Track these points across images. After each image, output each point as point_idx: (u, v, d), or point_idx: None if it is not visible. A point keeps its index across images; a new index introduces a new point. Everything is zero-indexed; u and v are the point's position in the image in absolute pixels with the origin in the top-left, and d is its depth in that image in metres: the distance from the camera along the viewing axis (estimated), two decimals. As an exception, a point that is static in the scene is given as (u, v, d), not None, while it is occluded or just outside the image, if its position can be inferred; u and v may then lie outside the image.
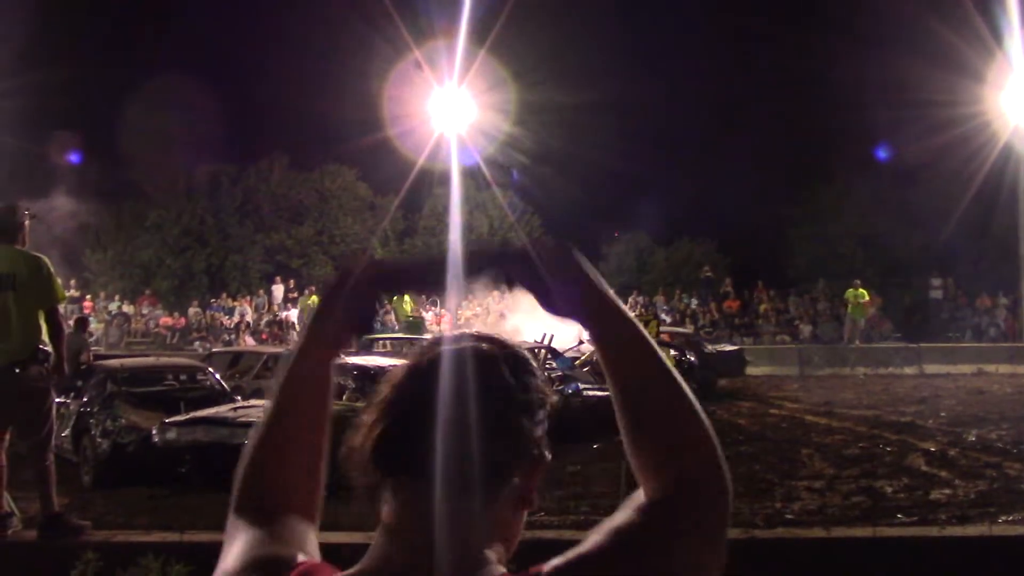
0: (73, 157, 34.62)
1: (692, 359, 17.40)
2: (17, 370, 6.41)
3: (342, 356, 1.72)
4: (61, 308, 6.96)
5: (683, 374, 1.26)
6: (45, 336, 6.60)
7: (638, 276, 38.12)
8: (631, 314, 1.29)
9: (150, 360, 15.59)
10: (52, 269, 6.75)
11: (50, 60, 33.82)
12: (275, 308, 31.57)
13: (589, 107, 34.01)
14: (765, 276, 32.12)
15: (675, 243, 38.80)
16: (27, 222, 6.84)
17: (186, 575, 4.92)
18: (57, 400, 7.50)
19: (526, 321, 17.38)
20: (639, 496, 1.22)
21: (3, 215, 6.73)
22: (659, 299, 32.17)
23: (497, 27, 27.06)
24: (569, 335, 16.27)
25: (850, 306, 27.35)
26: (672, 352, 14.56)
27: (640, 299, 32.03)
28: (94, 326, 25.91)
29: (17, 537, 6.33)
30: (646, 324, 21.25)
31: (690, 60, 37.38)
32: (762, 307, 30.62)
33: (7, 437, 6.63)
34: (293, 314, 30.02)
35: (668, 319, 28.56)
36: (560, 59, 33.72)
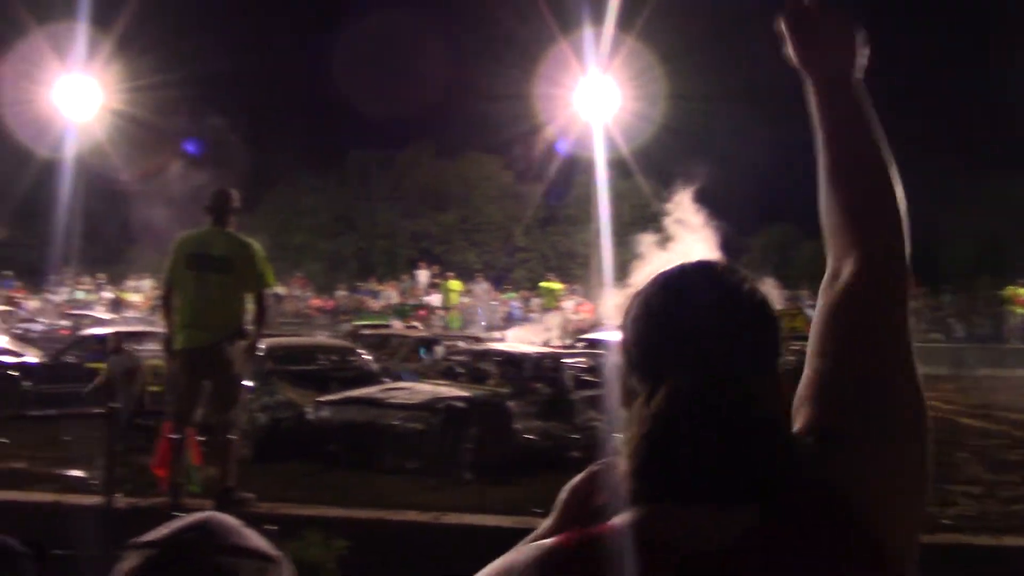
0: (230, 143, 36.11)
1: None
2: (222, 347, 6.75)
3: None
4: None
5: None
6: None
7: (782, 269, 37.19)
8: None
9: (305, 340, 16.18)
10: (263, 254, 7.05)
11: (210, 49, 35.45)
12: (419, 293, 32.17)
13: (736, 95, 33.35)
14: (918, 271, 30.78)
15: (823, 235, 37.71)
16: (237, 206, 7.17)
17: (345, 549, 5.10)
18: None
19: None
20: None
21: (217, 199, 7.05)
22: (803, 293, 31.28)
23: (646, 14, 26.83)
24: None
25: (1010, 304, 26.03)
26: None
27: (784, 293, 31.22)
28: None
29: (191, 505, 6.70)
30: (791, 318, 20.76)
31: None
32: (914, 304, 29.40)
33: (198, 411, 7.00)
34: (436, 299, 30.55)
35: (813, 314, 27.74)
36: (708, 47, 33.18)
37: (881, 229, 1.31)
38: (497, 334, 24.88)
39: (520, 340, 19.14)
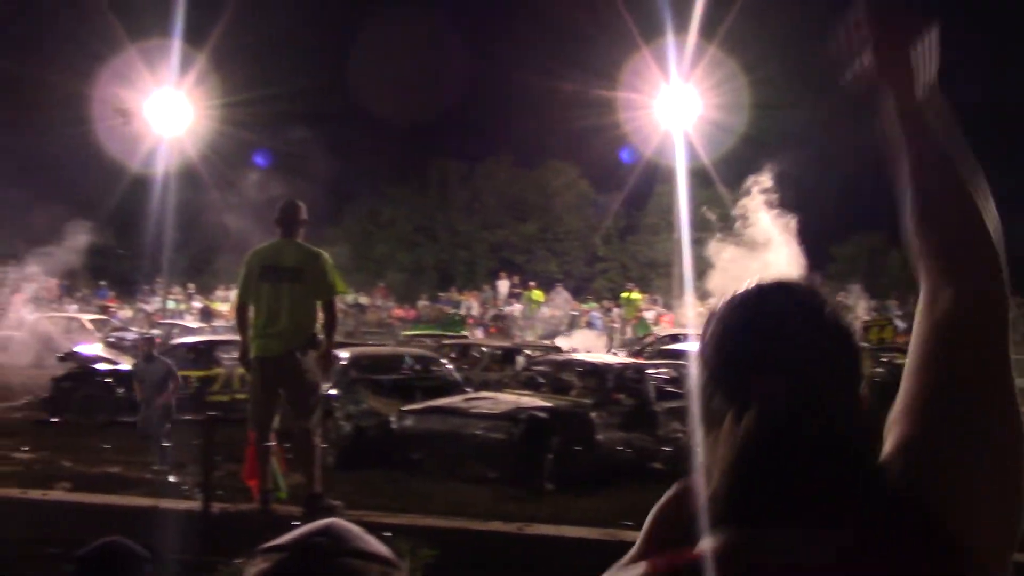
0: (314, 156, 36.78)
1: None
2: (296, 356, 6.91)
3: None
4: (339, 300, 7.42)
5: None
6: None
7: (870, 278, 36.42)
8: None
9: (389, 349, 16.38)
10: (331, 263, 7.22)
11: (294, 64, 36.22)
12: (499, 303, 32.32)
13: (819, 102, 32.75)
14: (1015, 282, 29.79)
15: (913, 243, 36.79)
16: (305, 218, 7.35)
17: (432, 558, 5.15)
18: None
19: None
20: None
21: (286, 212, 7.24)
22: (892, 303, 30.57)
23: (728, 22, 26.59)
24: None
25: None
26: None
27: (871, 303, 30.58)
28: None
29: (280, 511, 6.85)
30: (880, 329, 20.23)
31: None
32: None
33: (277, 418, 7.15)
34: (517, 309, 30.66)
35: (903, 324, 27.13)
36: (791, 54, 32.68)
37: (978, 262, 1.27)
38: (546, 340, 25.03)
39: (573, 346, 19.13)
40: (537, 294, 31.10)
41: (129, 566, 2.53)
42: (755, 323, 1.18)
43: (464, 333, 25.41)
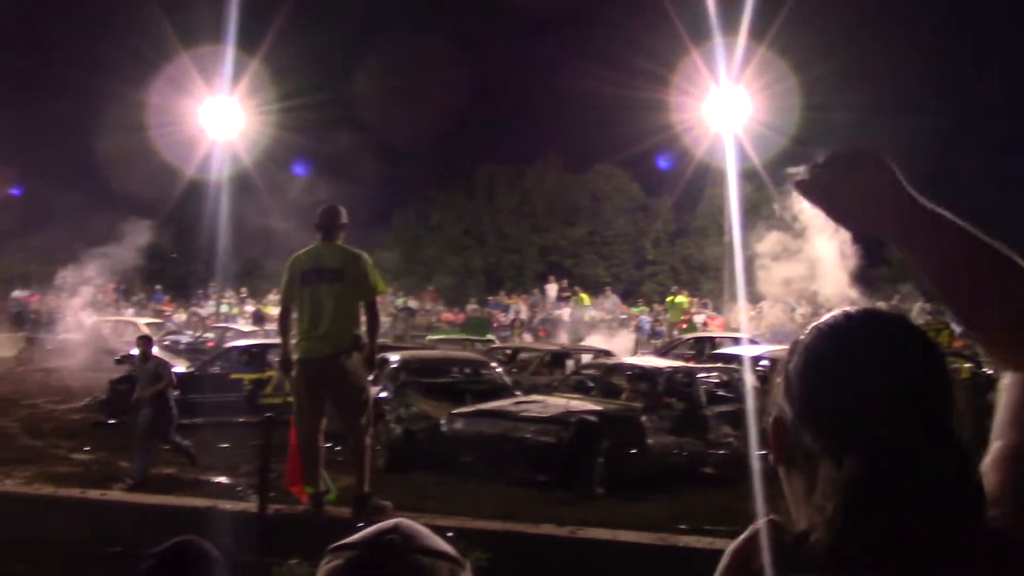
0: (364, 160, 37.10)
1: (991, 372, 16.14)
2: (341, 358, 6.97)
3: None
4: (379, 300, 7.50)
5: (979, 390, 1.22)
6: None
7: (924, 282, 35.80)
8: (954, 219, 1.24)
9: (439, 353, 16.45)
10: (372, 263, 7.28)
11: (345, 70, 36.59)
12: (548, 307, 32.29)
13: (876, 106, 32.38)
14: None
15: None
16: (346, 222, 7.42)
17: (485, 561, 5.15)
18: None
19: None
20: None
21: (326, 216, 7.32)
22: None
23: (778, 23, 26.35)
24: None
25: None
26: (967, 364, 13.56)
27: (927, 306, 30.05)
28: (383, 319, 27.62)
29: (332, 513, 6.91)
30: (936, 333, 19.94)
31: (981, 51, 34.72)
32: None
33: (324, 421, 7.21)
34: (565, 313, 30.61)
35: (958, 329, 26.64)
36: (843, 55, 32.32)
37: None
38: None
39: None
40: (584, 297, 31.03)
41: (202, 566, 2.56)
42: (851, 358, 1.12)
43: (490, 337, 25.39)
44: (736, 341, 22.35)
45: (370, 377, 7.63)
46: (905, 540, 1.04)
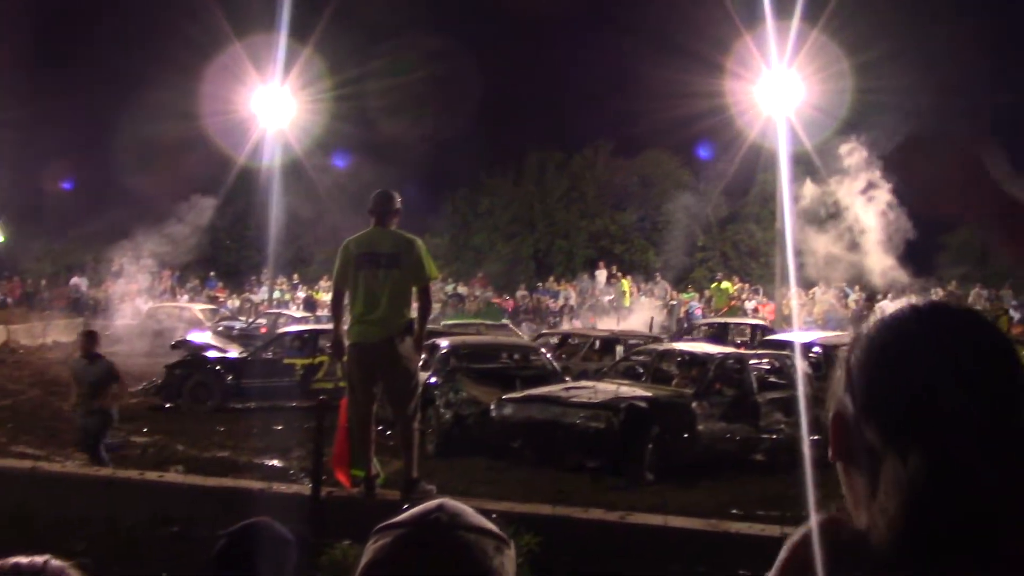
0: (414, 147, 37.27)
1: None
2: (395, 342, 7.02)
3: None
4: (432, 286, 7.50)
5: None
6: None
7: (981, 268, 35.15)
8: None
9: (488, 338, 16.51)
10: (426, 249, 7.29)
11: (395, 58, 36.71)
12: (597, 292, 32.23)
13: (930, 89, 31.74)
14: None
15: (1028, 230, 35.36)
16: (399, 208, 7.44)
17: (536, 545, 5.17)
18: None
19: None
20: None
21: (380, 201, 7.33)
22: (1007, 292, 29.45)
23: (831, 5, 25.89)
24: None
25: None
26: (1027, 351, 13.28)
27: (984, 292, 29.51)
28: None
29: (383, 496, 6.98)
30: (995, 319, 19.59)
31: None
32: None
33: (376, 406, 7.26)
34: (605, 299, 30.60)
35: (1018, 315, 26.15)
36: (897, 38, 31.70)
37: None
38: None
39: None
40: (625, 283, 30.97)
41: (274, 547, 2.62)
42: (917, 351, 1.09)
43: (504, 321, 25.37)
44: (754, 327, 22.30)
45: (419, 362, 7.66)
46: (969, 542, 1.01)
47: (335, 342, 7.47)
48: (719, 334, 21.10)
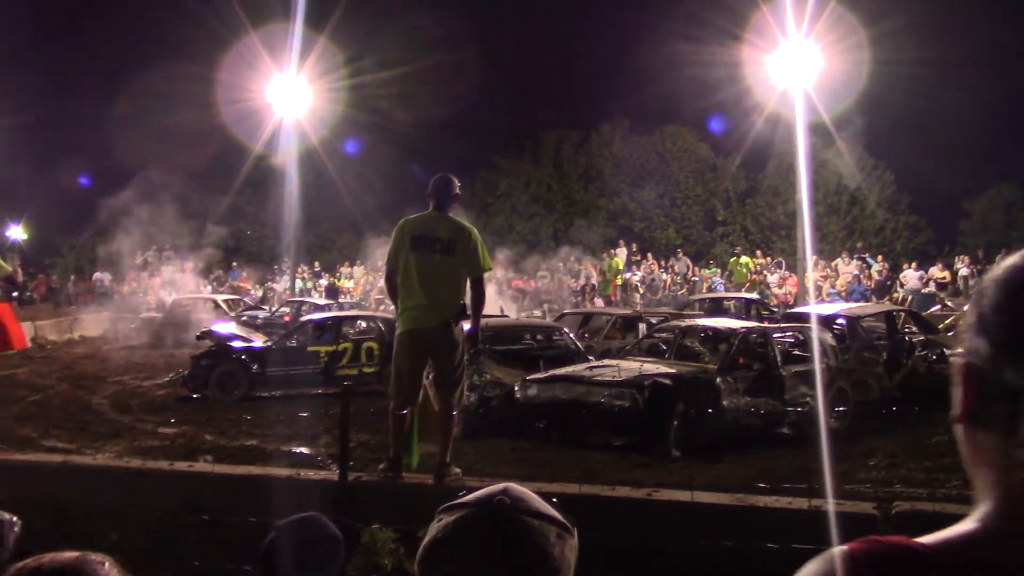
0: (430, 130, 37.26)
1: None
2: (448, 329, 6.99)
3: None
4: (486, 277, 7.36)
5: None
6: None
7: (1006, 234, 34.84)
8: None
9: (511, 320, 16.52)
10: (481, 240, 7.18)
11: (411, 41, 36.64)
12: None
13: (946, 60, 31.43)
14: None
15: (1052, 195, 35.06)
16: (458, 193, 7.36)
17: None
18: None
19: None
20: None
21: (439, 185, 7.21)
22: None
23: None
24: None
25: None
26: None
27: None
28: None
29: (411, 480, 7.01)
30: None
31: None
32: None
33: (421, 392, 7.19)
34: (636, 277, 30.47)
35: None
36: (914, 9, 31.35)
37: None
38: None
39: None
40: (618, 261, 30.88)
41: (322, 543, 2.64)
42: None
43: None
44: (744, 300, 22.44)
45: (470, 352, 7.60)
46: None
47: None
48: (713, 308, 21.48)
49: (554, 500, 1.33)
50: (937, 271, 27.41)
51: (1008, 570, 0.95)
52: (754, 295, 24.98)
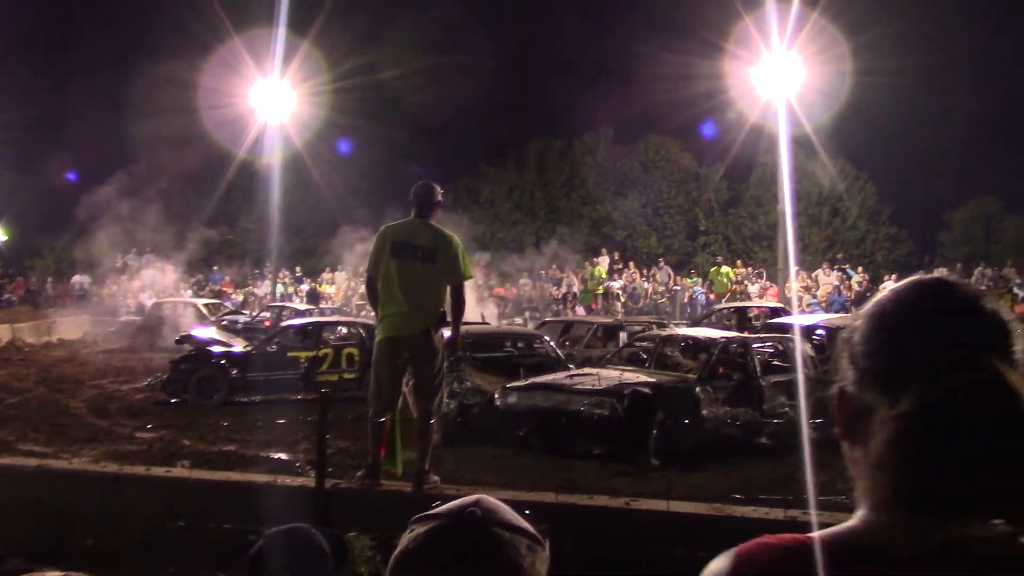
0: (413, 137, 37.25)
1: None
2: (428, 336, 6.96)
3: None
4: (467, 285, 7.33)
5: None
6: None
7: (986, 245, 35.15)
8: None
9: (491, 327, 16.52)
10: (462, 248, 7.18)
11: (394, 48, 36.65)
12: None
13: (928, 72, 31.69)
14: None
15: (1029, 208, 35.36)
16: (440, 200, 7.35)
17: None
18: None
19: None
20: None
21: (423, 193, 7.18)
22: (1009, 271, 29.43)
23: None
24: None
25: None
26: (1030, 329, 13.27)
27: (987, 271, 29.48)
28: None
29: (388, 487, 7.00)
30: (998, 298, 19.69)
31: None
32: None
33: (400, 400, 7.17)
34: (617, 285, 30.53)
35: (1021, 293, 26.13)
36: (896, 21, 31.62)
37: None
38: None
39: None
40: (600, 270, 30.97)
41: (311, 555, 2.63)
42: (913, 315, 1.14)
43: None
44: (769, 309, 22.29)
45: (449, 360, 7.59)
46: (952, 485, 1.04)
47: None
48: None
49: (527, 512, 1.33)
50: (916, 283, 27.52)
51: (888, 554, 1.05)
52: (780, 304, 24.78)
